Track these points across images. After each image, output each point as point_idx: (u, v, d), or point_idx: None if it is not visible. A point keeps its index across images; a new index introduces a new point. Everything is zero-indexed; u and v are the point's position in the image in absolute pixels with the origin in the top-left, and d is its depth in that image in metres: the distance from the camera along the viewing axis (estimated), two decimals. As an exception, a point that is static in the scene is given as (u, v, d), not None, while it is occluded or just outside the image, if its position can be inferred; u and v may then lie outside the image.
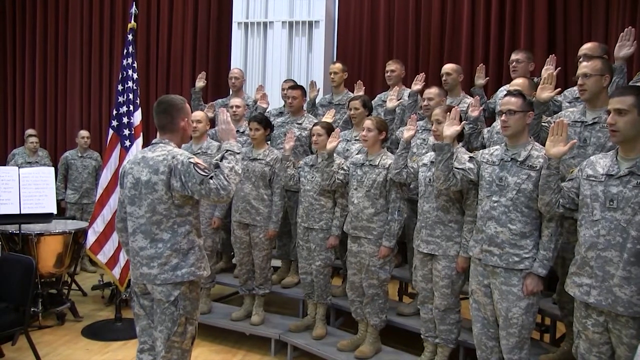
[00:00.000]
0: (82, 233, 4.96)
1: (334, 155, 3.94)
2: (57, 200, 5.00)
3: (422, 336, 3.70)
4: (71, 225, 5.28)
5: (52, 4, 7.87)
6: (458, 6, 6.10)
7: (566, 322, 3.42)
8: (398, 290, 5.07)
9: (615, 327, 2.47)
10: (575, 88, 3.66)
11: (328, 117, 4.43)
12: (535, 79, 4.06)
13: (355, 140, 4.38)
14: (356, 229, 3.80)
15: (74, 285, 5.44)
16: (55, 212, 4.78)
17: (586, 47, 3.81)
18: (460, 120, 3.27)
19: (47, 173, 4.87)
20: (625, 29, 3.54)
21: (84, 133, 6.75)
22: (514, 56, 4.31)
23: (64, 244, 4.85)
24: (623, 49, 3.49)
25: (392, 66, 4.97)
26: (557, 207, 2.73)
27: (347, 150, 4.38)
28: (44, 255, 4.76)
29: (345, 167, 3.94)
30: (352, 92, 5.14)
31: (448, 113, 3.32)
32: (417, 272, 3.60)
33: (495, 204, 2.95)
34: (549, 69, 3.71)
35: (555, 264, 3.19)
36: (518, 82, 3.64)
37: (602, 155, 2.68)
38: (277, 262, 5.05)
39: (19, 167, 5.00)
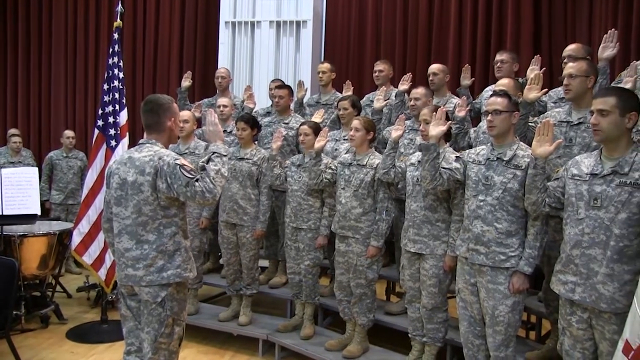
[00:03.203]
0: (67, 234, 4.90)
1: (322, 154, 3.95)
2: (41, 201, 4.94)
3: (409, 335, 3.71)
4: (56, 226, 5.23)
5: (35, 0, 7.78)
6: (445, 7, 6.14)
7: (551, 319, 3.45)
8: (386, 289, 5.08)
9: (599, 323, 2.51)
10: (560, 88, 3.70)
11: (317, 117, 4.44)
12: (520, 80, 4.10)
13: (344, 139, 4.38)
14: (344, 228, 3.80)
15: (58, 287, 5.38)
16: (39, 212, 4.72)
17: (570, 48, 3.85)
18: (447, 120, 3.29)
19: (30, 173, 4.81)
20: (609, 31, 3.58)
21: (69, 133, 6.68)
22: (498, 57, 4.34)
23: (48, 246, 4.79)
24: (606, 51, 3.54)
25: (380, 66, 4.98)
26: (544, 206, 2.76)
27: (336, 149, 4.39)
28: (27, 256, 4.70)
29: (333, 167, 3.95)
30: (340, 92, 5.15)
31: (435, 113, 3.35)
32: (405, 271, 3.61)
33: (482, 203, 2.97)
34: (534, 70, 3.75)
35: (541, 262, 3.21)
36: (503, 83, 3.66)
37: (587, 155, 2.71)
38: (264, 262, 5.05)
39: (1, 167, 4.94)
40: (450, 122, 3.36)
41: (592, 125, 2.54)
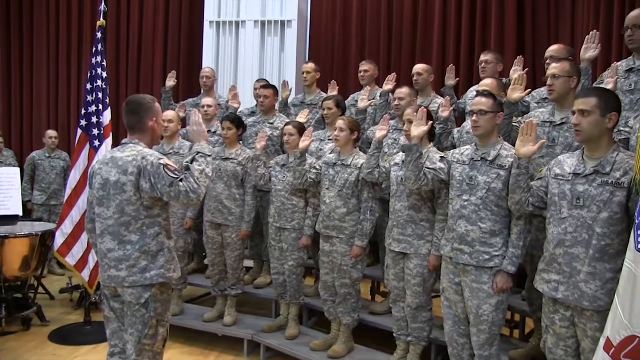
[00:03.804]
0: (49, 235, 4.84)
1: (306, 154, 3.94)
2: (23, 201, 4.88)
3: (394, 334, 3.72)
4: (38, 227, 5.14)
5: (16, -3, 7.69)
6: (429, 7, 6.16)
7: (535, 317, 3.49)
8: (370, 289, 5.09)
9: (581, 321, 2.54)
10: (543, 89, 3.73)
11: (302, 117, 4.43)
12: (504, 80, 4.13)
13: (328, 139, 4.39)
14: (328, 228, 3.80)
15: (40, 289, 5.31)
16: (20, 213, 4.67)
17: (552, 49, 3.88)
18: (430, 119, 3.30)
19: (12, 173, 4.75)
20: (591, 32, 3.62)
21: (51, 133, 6.60)
22: (482, 57, 4.37)
23: (30, 246, 4.72)
24: (588, 51, 3.57)
25: (365, 66, 4.99)
26: (527, 206, 2.78)
27: (320, 149, 4.38)
28: (9, 258, 4.62)
29: (317, 166, 3.95)
30: (324, 92, 5.15)
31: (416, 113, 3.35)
32: (389, 270, 3.62)
33: (466, 203, 2.99)
34: (517, 70, 3.78)
35: (524, 261, 3.24)
36: (486, 83, 3.68)
37: (569, 155, 2.74)
38: (249, 262, 5.03)
39: (-18, 168, 4.88)
40: (432, 121, 3.37)
41: (574, 125, 2.58)
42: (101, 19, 4.75)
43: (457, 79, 4.83)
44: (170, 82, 5.48)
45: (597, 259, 2.47)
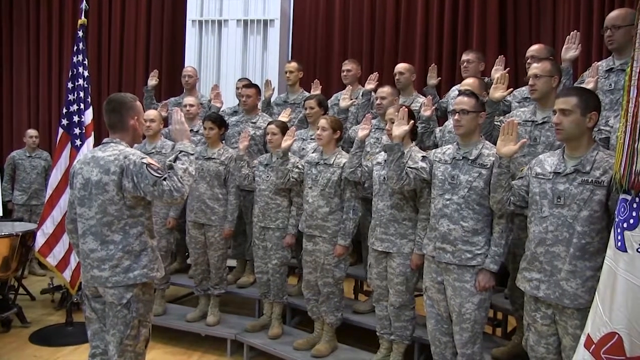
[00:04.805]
0: (30, 235, 4.78)
1: (289, 154, 3.94)
2: (4, 201, 4.82)
3: (377, 333, 3.73)
4: (18, 227, 5.08)
5: (-5, -5, 7.59)
6: (412, 6, 6.19)
7: (517, 316, 3.52)
8: (353, 288, 5.10)
9: (562, 319, 2.56)
10: (524, 88, 3.77)
11: (284, 117, 4.43)
12: (486, 79, 4.16)
13: (311, 139, 4.39)
14: (311, 227, 3.80)
15: (21, 290, 5.24)
16: (0, 213, 4.60)
17: (533, 49, 3.92)
18: (413, 119, 3.31)
19: (-8, 173, 4.69)
20: (572, 33, 3.66)
21: (32, 132, 6.51)
22: (464, 56, 4.39)
23: (11, 247, 4.66)
24: (569, 52, 3.61)
25: (348, 65, 5.00)
26: (508, 205, 2.80)
27: (303, 149, 4.38)
28: (-11, 259, 4.59)
29: (300, 166, 3.95)
30: (308, 91, 5.15)
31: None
32: (372, 269, 3.63)
33: (448, 202, 3.01)
34: (499, 69, 3.81)
35: (506, 259, 3.26)
36: (468, 82, 3.71)
37: (550, 154, 2.76)
38: (232, 262, 5.02)
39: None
40: (414, 121, 3.39)
41: (555, 124, 2.60)
42: (82, 17, 4.71)
43: (440, 78, 4.86)
44: (153, 81, 5.44)
45: (577, 258, 2.50)
